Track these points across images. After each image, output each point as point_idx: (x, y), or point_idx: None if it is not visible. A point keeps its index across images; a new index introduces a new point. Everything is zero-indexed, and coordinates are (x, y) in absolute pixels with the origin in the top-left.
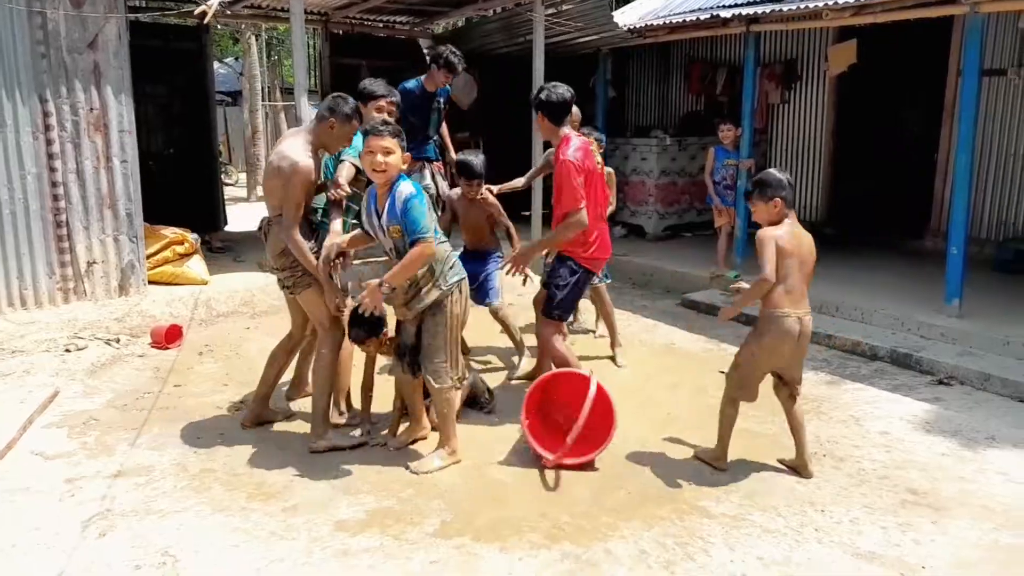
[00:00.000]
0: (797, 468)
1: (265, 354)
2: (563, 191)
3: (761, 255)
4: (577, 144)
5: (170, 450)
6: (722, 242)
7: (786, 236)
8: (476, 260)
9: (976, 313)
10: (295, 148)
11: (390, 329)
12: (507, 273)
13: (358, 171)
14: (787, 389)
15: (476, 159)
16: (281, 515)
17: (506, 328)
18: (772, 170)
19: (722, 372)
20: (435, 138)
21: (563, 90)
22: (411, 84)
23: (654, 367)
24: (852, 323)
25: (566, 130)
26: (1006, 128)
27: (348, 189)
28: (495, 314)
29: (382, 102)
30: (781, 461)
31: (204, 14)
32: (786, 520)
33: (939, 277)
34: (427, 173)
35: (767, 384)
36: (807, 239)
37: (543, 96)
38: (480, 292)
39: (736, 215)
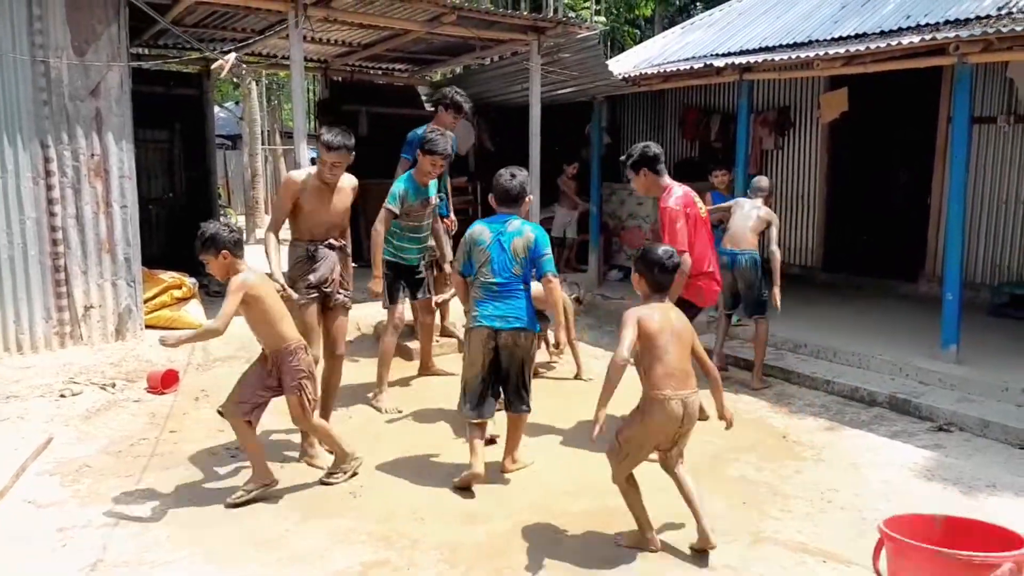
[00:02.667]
0: (702, 547)
1: None
2: (666, 237)
3: (619, 333)
4: (679, 193)
5: (165, 498)
6: None
7: (650, 314)
8: None
9: (973, 358)
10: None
11: None
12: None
13: None
14: (672, 459)
15: None
16: (276, 565)
17: None
18: (655, 246)
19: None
20: (444, 193)
21: (654, 146)
22: (421, 131)
23: None
24: (850, 368)
25: (667, 180)
26: (997, 174)
27: None
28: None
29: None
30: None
31: (221, 68)
32: (787, 572)
33: (935, 322)
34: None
35: (761, 431)
36: (675, 313)
37: (639, 153)
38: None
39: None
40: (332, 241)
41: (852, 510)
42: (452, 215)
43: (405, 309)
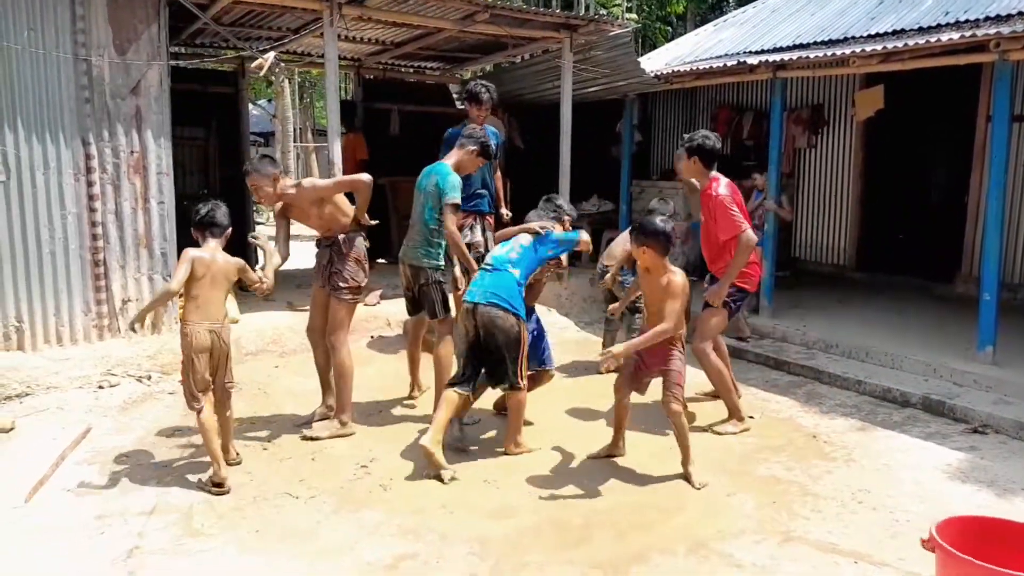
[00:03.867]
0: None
1: (293, 393)
2: (719, 223)
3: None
4: (726, 182)
5: (199, 489)
6: None
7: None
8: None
9: (1010, 360)
10: None
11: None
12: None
13: None
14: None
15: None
16: (307, 556)
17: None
18: (653, 219)
19: (751, 417)
20: (488, 190)
21: (715, 139)
22: (455, 129)
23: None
24: (882, 369)
25: (714, 171)
26: None
27: None
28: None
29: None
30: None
31: (260, 67)
32: (818, 572)
33: (970, 323)
34: (478, 229)
35: (791, 430)
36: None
37: (699, 142)
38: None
39: (764, 257)
40: (321, 239)
41: (884, 511)
42: (504, 209)
43: None
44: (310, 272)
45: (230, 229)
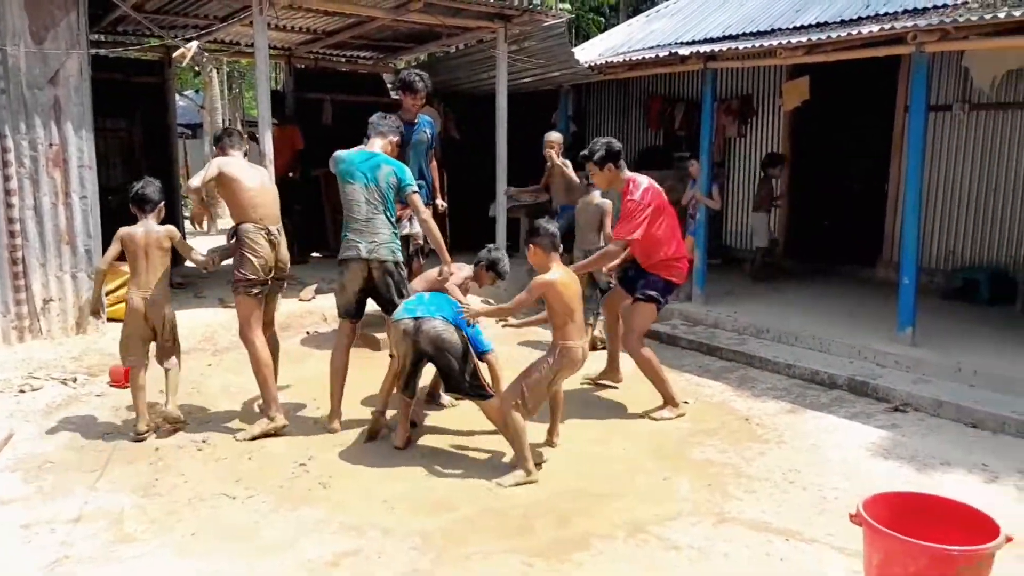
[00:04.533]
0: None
1: (227, 391)
2: (621, 221)
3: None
4: (645, 185)
5: (131, 492)
6: None
7: (561, 278)
8: None
9: (928, 341)
10: None
11: None
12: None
13: None
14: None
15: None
16: (246, 557)
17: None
18: (540, 221)
19: (685, 402)
20: (425, 181)
21: (615, 141)
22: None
23: (618, 396)
24: (811, 352)
25: (628, 173)
26: (952, 161)
27: None
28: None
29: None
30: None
31: (183, 56)
32: (751, 551)
33: (892, 306)
34: (415, 220)
35: (725, 414)
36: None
37: (607, 149)
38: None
39: (696, 245)
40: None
41: (813, 489)
42: (440, 200)
43: None
44: None
45: (162, 203)
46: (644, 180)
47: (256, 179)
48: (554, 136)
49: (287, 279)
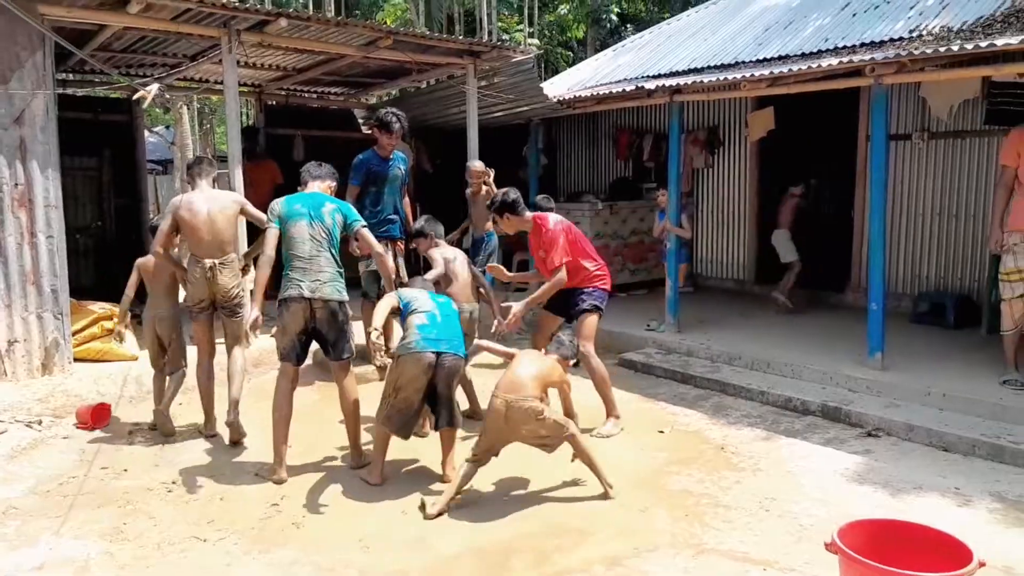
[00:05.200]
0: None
1: (198, 429)
2: (549, 254)
3: None
4: (557, 218)
5: (97, 539)
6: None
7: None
8: None
9: (898, 365)
10: None
11: None
12: (503, 329)
13: None
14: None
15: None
16: None
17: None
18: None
19: (662, 432)
20: (399, 215)
21: (511, 191)
22: (364, 155)
23: (592, 424)
24: (783, 379)
25: (529, 214)
26: (914, 188)
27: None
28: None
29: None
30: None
31: (143, 99)
32: None
33: (861, 331)
34: (389, 255)
35: (700, 443)
36: None
37: (502, 201)
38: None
39: (668, 274)
40: None
41: (790, 517)
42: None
43: None
44: None
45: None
46: (550, 216)
47: (203, 211)
48: (479, 165)
49: (233, 308)
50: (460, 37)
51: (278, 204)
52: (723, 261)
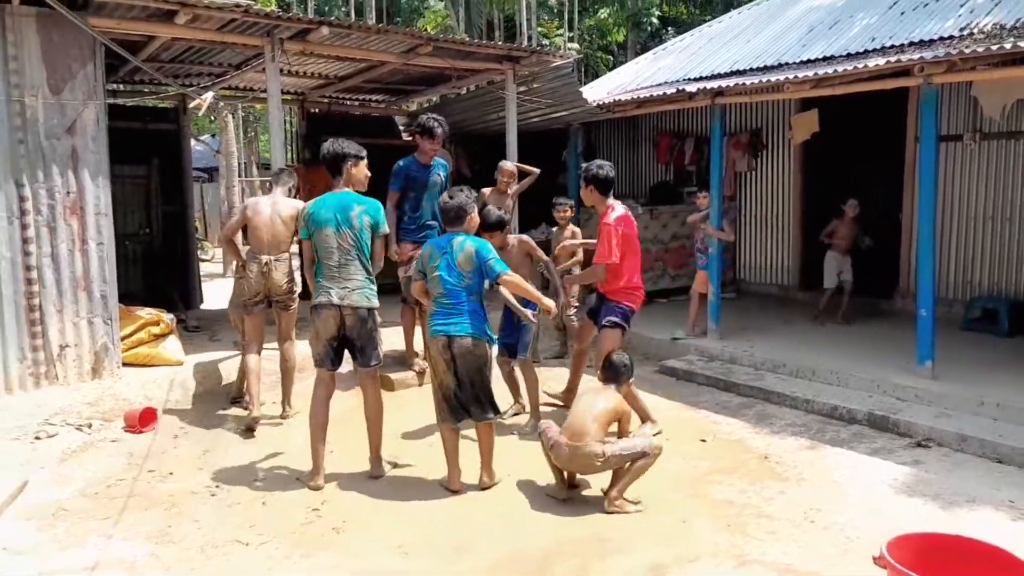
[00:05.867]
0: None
1: (241, 434)
2: (600, 245)
3: None
4: (620, 212)
5: (144, 541)
6: (692, 305)
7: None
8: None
9: (949, 374)
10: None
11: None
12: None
13: None
14: None
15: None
16: None
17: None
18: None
19: (704, 440)
20: (437, 221)
21: (608, 168)
22: (404, 161)
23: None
24: (829, 387)
25: (611, 200)
26: (965, 191)
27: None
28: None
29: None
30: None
31: (199, 107)
32: None
33: (910, 337)
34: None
35: (743, 452)
36: None
37: (594, 172)
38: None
39: (710, 279)
40: None
41: (835, 529)
42: None
43: None
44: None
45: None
46: (618, 206)
47: (266, 212)
48: (510, 165)
49: (286, 301)
50: (499, 43)
51: (306, 211)
52: (767, 266)
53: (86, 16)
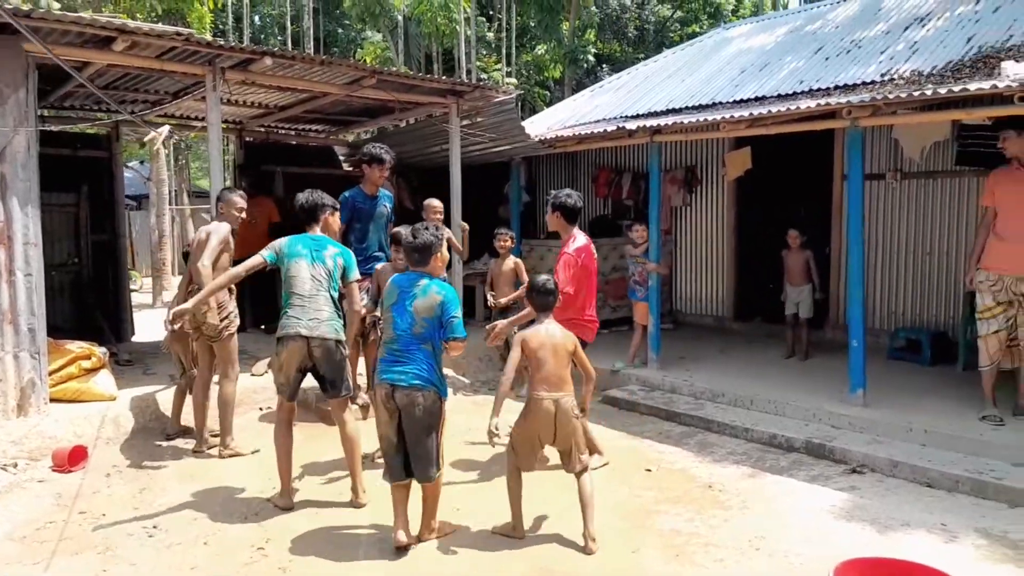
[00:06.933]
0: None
1: (179, 471)
2: (556, 274)
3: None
4: (581, 243)
5: None
6: (635, 337)
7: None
8: None
9: (879, 401)
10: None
11: None
12: (487, 340)
13: None
14: (567, 462)
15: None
16: None
17: None
18: (538, 276)
19: (649, 470)
20: (384, 253)
21: (576, 198)
22: (350, 192)
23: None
24: (767, 416)
25: (575, 230)
26: (888, 227)
27: None
28: None
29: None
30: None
31: (154, 140)
32: None
33: (841, 366)
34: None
35: (687, 481)
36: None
37: (562, 200)
38: None
39: (650, 310)
40: None
41: (780, 555)
42: None
43: None
44: None
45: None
46: (580, 237)
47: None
48: (436, 203)
49: (210, 334)
50: (443, 77)
51: (282, 241)
52: (702, 297)
53: (19, 40)
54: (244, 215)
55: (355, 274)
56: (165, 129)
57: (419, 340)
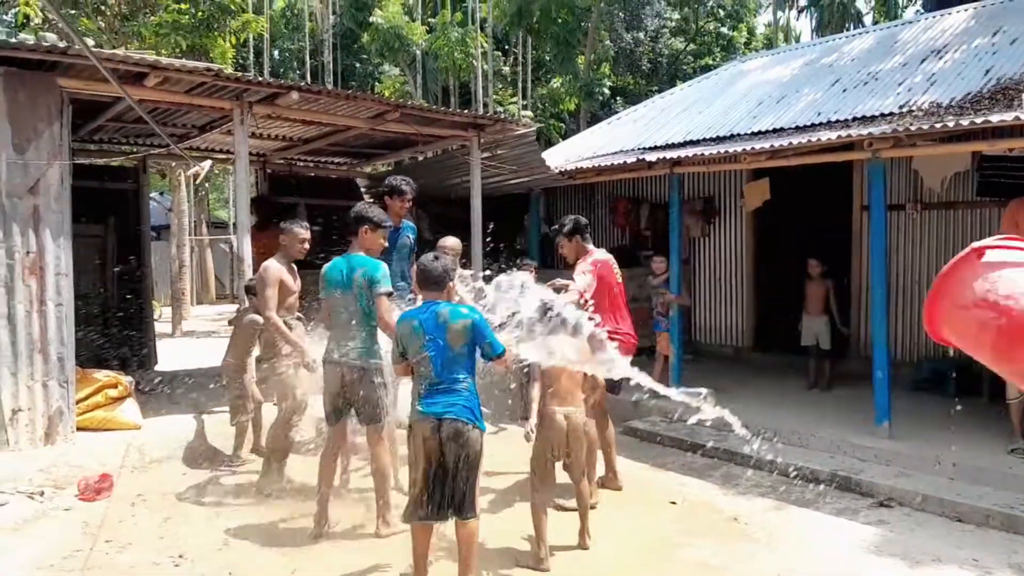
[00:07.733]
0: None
1: (204, 500)
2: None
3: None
4: (599, 257)
5: None
6: (656, 366)
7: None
8: None
9: (905, 433)
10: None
11: None
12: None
13: None
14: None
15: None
16: None
17: None
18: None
19: (673, 503)
20: (406, 282)
21: (572, 218)
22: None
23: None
24: (792, 448)
25: (591, 246)
26: (909, 257)
27: None
28: None
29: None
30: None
31: (197, 175)
32: None
33: (865, 398)
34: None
35: (712, 513)
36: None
37: (565, 225)
38: None
39: (672, 341)
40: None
41: None
42: None
43: None
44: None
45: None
46: (599, 253)
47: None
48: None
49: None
50: (464, 111)
51: (322, 272)
52: (721, 328)
53: (54, 76)
54: (306, 246)
55: (383, 286)
56: (207, 163)
57: (461, 370)
